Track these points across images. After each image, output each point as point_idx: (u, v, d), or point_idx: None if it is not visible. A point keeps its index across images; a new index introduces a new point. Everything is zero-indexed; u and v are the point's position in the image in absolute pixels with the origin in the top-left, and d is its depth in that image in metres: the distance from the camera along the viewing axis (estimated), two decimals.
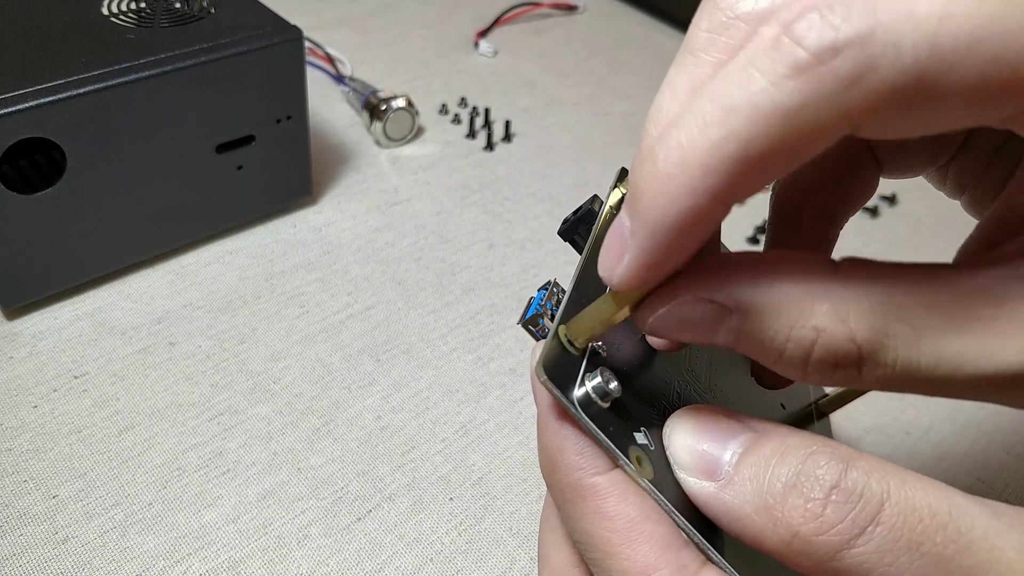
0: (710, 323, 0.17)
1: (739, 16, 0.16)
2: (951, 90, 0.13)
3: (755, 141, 0.14)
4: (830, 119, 0.14)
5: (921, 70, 0.13)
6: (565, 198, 0.55)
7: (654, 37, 0.77)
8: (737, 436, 0.17)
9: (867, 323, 0.16)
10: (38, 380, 0.39)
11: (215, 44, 0.42)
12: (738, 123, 0.14)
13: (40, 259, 0.41)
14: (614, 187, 0.25)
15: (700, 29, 0.17)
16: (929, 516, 0.15)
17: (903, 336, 0.16)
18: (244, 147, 0.45)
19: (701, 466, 0.18)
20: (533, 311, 0.21)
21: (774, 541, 0.16)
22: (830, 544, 0.15)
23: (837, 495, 0.15)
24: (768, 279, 0.16)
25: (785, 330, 0.16)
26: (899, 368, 0.16)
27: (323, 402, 0.40)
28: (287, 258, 0.48)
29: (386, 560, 0.34)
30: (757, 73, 0.14)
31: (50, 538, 0.33)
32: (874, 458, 0.16)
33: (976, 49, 0.13)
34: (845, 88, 0.13)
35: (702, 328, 0.17)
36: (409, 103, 0.57)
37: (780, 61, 0.14)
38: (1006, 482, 0.40)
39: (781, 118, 0.14)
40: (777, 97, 0.14)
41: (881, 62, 0.13)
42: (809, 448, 0.16)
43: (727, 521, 0.17)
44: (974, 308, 0.16)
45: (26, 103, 0.36)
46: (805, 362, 0.16)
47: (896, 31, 0.13)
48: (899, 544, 0.15)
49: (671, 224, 0.15)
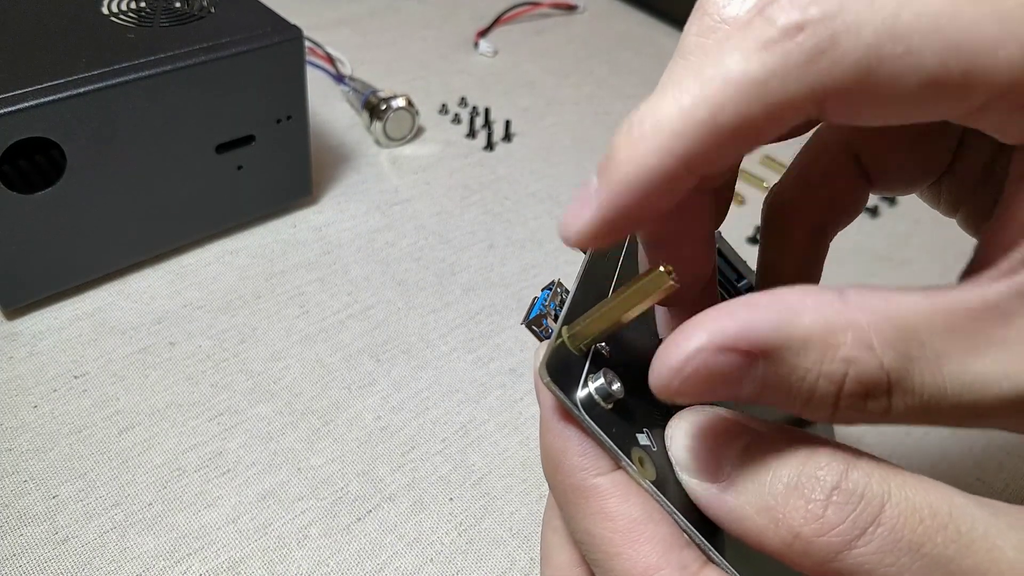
0: (736, 377, 0.15)
1: (725, 19, 0.17)
2: (909, 72, 0.14)
3: (724, 108, 0.15)
4: (796, 92, 0.14)
5: (880, 50, 0.14)
6: (565, 198, 0.55)
7: (654, 37, 0.77)
8: (739, 437, 0.17)
9: (893, 350, 0.15)
10: (38, 380, 0.39)
11: (215, 44, 0.42)
12: (709, 90, 0.15)
13: (40, 259, 0.41)
14: None
15: (690, 34, 0.18)
16: (930, 516, 0.15)
17: (927, 360, 0.15)
18: (244, 147, 0.45)
19: (703, 467, 0.18)
20: (537, 311, 0.21)
21: (776, 542, 0.16)
22: (831, 545, 0.15)
23: (838, 496, 0.15)
24: (788, 315, 0.15)
25: (816, 367, 0.15)
26: (927, 395, 0.15)
27: (323, 402, 0.40)
28: (287, 258, 0.48)
29: (386, 560, 0.34)
30: (731, 49, 0.15)
31: (50, 538, 0.33)
32: (875, 459, 0.16)
33: (934, 37, 0.14)
34: (808, 62, 0.14)
35: (728, 384, 0.16)
36: (409, 103, 0.57)
37: (751, 37, 0.15)
38: (1006, 482, 0.40)
39: (749, 86, 0.15)
40: (746, 67, 0.15)
41: (842, 39, 0.14)
42: (810, 449, 0.16)
43: (729, 522, 0.17)
44: (986, 330, 0.15)
45: (26, 103, 0.36)
46: (837, 398, 0.16)
47: (857, 12, 0.14)
48: (900, 545, 0.15)
49: (636, 183, 0.16)
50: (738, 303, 0.16)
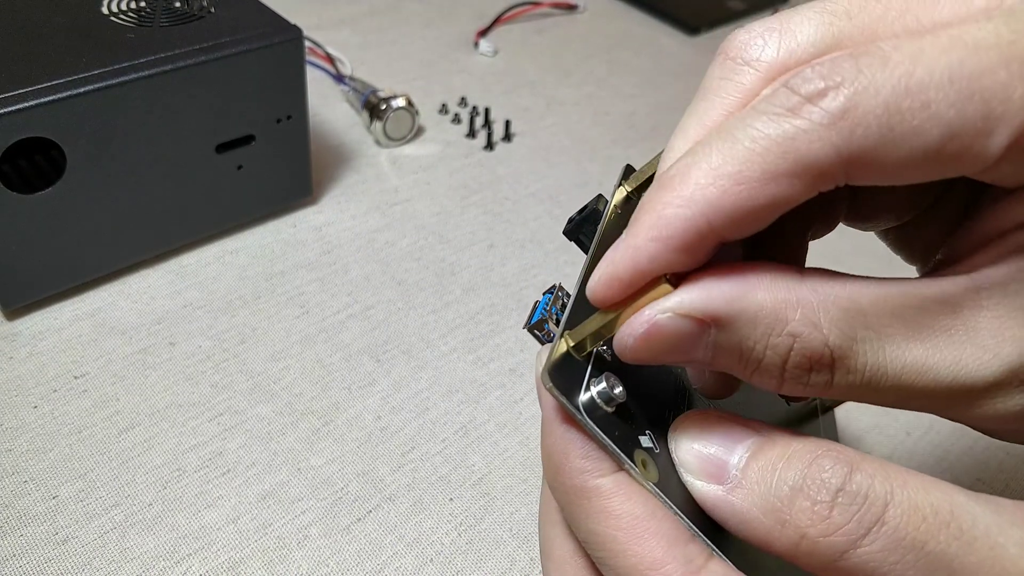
0: (689, 341, 0.17)
1: (747, 62, 0.18)
2: (930, 125, 0.15)
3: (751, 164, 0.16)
4: (821, 152, 0.15)
5: (899, 105, 0.15)
6: (565, 198, 0.55)
7: (654, 37, 0.77)
8: (744, 440, 0.18)
9: (837, 328, 0.16)
10: (38, 380, 0.39)
11: (215, 44, 0.42)
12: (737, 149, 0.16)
13: (40, 259, 0.41)
14: (619, 185, 0.25)
15: (712, 77, 0.19)
16: (932, 515, 0.16)
17: (870, 342, 0.16)
18: (244, 147, 0.45)
19: (708, 469, 0.18)
20: (539, 316, 0.22)
21: (782, 543, 0.16)
22: (837, 545, 0.16)
23: (843, 497, 0.16)
24: (743, 291, 0.17)
25: (764, 339, 0.17)
26: (867, 373, 0.17)
27: (323, 402, 0.40)
28: (287, 258, 0.48)
29: (386, 561, 0.34)
30: (758, 113, 0.16)
31: (50, 539, 0.33)
32: (877, 460, 0.17)
33: (948, 88, 0.15)
34: (832, 123, 0.15)
35: (681, 346, 0.17)
36: (409, 103, 0.57)
37: (777, 104, 0.16)
38: (1006, 482, 0.40)
39: (774, 145, 0.16)
40: (773, 128, 0.16)
41: (862, 99, 0.15)
42: (814, 452, 0.17)
43: (735, 523, 0.17)
44: (933, 318, 0.17)
45: (26, 103, 0.36)
46: (782, 369, 0.17)
47: (874, 74, 0.15)
48: (904, 543, 0.15)
49: (657, 238, 0.17)
50: (703, 273, 0.17)
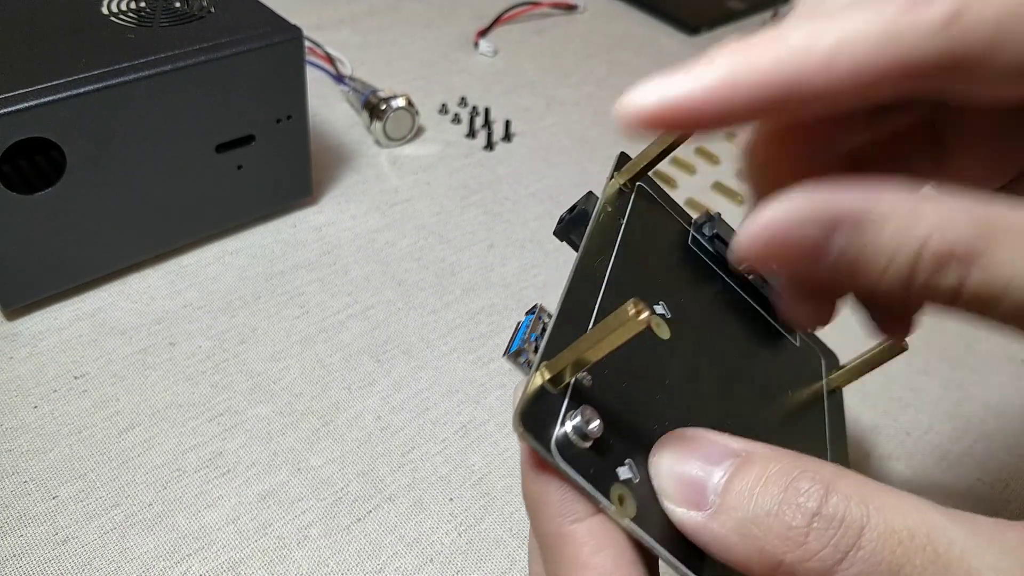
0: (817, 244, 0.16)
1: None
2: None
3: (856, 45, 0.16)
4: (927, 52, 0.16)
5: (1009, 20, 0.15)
6: (565, 198, 0.55)
7: (654, 37, 0.77)
8: (721, 463, 0.18)
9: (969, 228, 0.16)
10: (38, 380, 0.39)
11: (215, 44, 0.42)
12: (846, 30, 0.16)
13: (40, 259, 0.41)
14: (611, 177, 0.24)
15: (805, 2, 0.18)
16: (908, 538, 0.16)
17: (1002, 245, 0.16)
18: (244, 147, 0.45)
19: (688, 496, 0.18)
20: (516, 346, 0.21)
21: (761, 569, 0.16)
22: (814, 571, 0.16)
23: (819, 522, 0.16)
24: (874, 193, 0.16)
25: (898, 235, 0.16)
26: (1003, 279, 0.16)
27: (323, 402, 0.40)
28: (287, 258, 0.48)
29: (386, 561, 0.34)
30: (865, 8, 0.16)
31: (50, 539, 0.33)
32: (855, 477, 0.17)
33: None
34: (941, 27, 0.16)
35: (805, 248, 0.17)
36: (409, 103, 0.57)
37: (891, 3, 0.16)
38: (1006, 482, 0.40)
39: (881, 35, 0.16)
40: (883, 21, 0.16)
41: (973, 9, 0.15)
42: (790, 474, 0.17)
43: (715, 550, 0.17)
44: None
45: (26, 103, 0.36)
46: (914, 267, 0.16)
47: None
48: (880, 568, 0.15)
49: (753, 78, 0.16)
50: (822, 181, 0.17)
